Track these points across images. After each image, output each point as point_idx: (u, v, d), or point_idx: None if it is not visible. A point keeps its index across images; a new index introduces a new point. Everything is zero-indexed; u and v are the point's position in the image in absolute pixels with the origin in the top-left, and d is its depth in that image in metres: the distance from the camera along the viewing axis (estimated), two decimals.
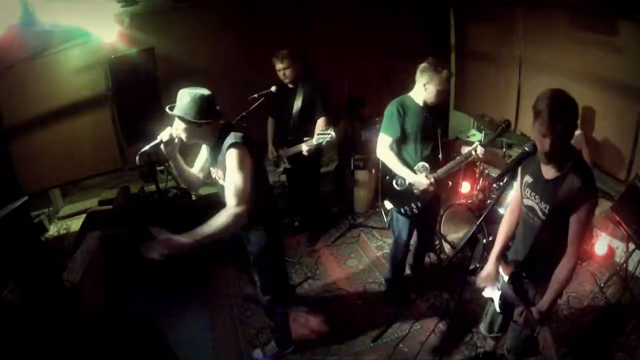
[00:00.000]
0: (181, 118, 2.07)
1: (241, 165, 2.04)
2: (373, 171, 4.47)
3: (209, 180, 2.45)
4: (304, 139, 3.32)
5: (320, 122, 3.52)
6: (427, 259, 3.65)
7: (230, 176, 2.04)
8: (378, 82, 4.77)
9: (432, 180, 2.79)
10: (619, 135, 3.38)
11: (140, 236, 2.34)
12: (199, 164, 2.43)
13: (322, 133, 3.20)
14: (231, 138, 2.09)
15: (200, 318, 3.29)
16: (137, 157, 2.16)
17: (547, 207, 1.86)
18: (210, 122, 2.11)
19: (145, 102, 3.55)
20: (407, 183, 2.84)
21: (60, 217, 4.72)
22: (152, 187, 4.14)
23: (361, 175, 4.39)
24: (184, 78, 4.05)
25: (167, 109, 2.12)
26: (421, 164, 2.83)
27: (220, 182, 2.25)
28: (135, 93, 3.45)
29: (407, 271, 3.62)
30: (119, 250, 3.48)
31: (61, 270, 2.94)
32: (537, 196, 1.92)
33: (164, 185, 4.11)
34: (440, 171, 2.85)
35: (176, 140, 2.16)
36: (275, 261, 2.57)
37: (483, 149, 2.77)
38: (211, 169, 2.35)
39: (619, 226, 3.02)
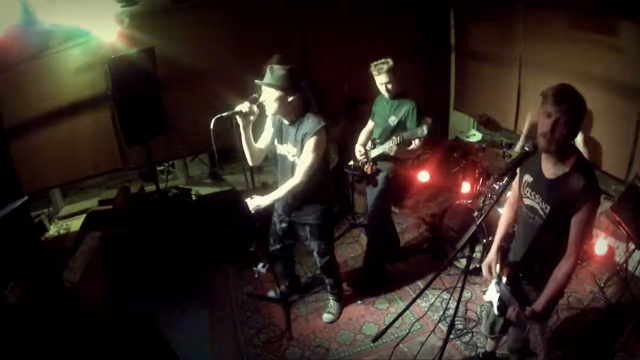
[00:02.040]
0: (275, 86, 2.30)
1: (319, 148, 2.39)
2: None
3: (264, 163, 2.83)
4: None
5: None
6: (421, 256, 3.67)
7: (305, 154, 2.40)
8: None
9: (362, 150, 3.32)
10: (619, 135, 3.38)
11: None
12: (264, 140, 2.67)
13: None
14: (317, 120, 2.38)
15: (200, 318, 3.29)
16: (212, 121, 2.30)
17: (548, 207, 1.85)
18: (299, 94, 2.37)
19: (145, 102, 3.55)
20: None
21: (60, 217, 4.72)
22: (152, 187, 4.14)
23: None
24: (184, 78, 4.12)
25: (256, 82, 2.36)
26: (369, 142, 3.36)
27: (289, 157, 2.54)
28: (135, 93, 3.44)
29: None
30: (119, 250, 3.49)
31: (61, 270, 2.94)
32: (537, 196, 1.91)
33: (164, 185, 4.11)
34: (371, 152, 3.30)
35: (256, 110, 2.39)
36: (330, 229, 2.97)
37: (394, 148, 3.03)
38: (279, 145, 2.60)
39: (619, 226, 3.01)
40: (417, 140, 3.05)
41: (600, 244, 3.44)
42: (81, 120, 4.00)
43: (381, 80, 3.08)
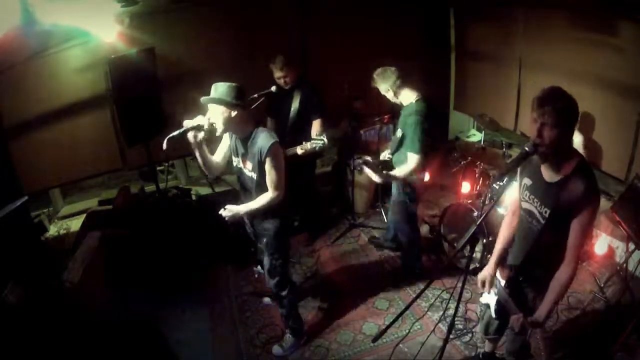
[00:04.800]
0: (220, 100, 2.30)
1: (279, 162, 2.42)
2: None
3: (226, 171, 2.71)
4: (300, 144, 3.32)
5: (316, 125, 3.55)
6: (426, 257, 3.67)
7: (270, 172, 2.42)
8: None
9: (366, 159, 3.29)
10: (619, 135, 3.38)
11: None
12: (220, 153, 2.66)
13: (316, 139, 3.22)
14: (268, 137, 2.40)
15: (200, 318, 3.30)
16: (164, 142, 2.32)
17: (548, 211, 1.83)
18: (244, 107, 2.37)
19: (145, 102, 3.55)
20: None
21: (60, 217, 4.72)
22: (152, 187, 4.14)
23: (361, 175, 4.39)
24: (184, 78, 4.11)
25: (201, 100, 2.34)
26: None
27: (246, 172, 2.55)
28: (135, 93, 3.44)
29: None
30: (119, 250, 3.48)
31: (61, 270, 2.94)
32: (536, 200, 1.90)
33: (164, 185, 4.11)
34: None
35: (205, 127, 2.35)
36: (285, 245, 2.78)
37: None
38: (235, 158, 2.60)
39: (619, 226, 3.01)
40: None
41: (600, 244, 3.44)
42: (81, 120, 4.00)
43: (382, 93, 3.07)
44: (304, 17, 4.54)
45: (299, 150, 3.26)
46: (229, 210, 2.54)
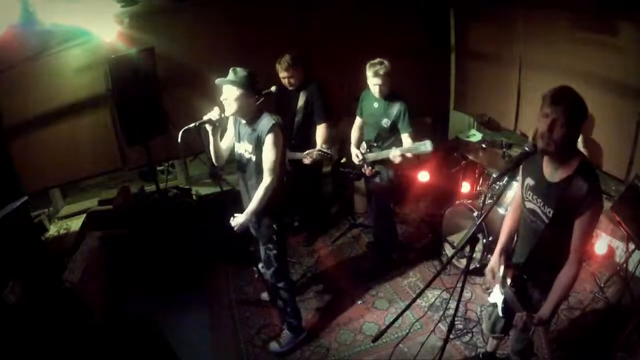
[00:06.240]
0: (240, 84, 2.38)
1: (278, 144, 2.47)
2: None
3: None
4: (306, 152, 3.32)
5: (321, 130, 3.54)
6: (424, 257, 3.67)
7: (268, 152, 2.46)
8: None
9: (359, 155, 3.40)
10: (618, 135, 3.37)
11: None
12: (227, 140, 2.74)
13: (323, 151, 3.22)
14: (270, 119, 2.48)
15: (200, 318, 3.30)
16: (180, 134, 2.40)
17: (551, 211, 1.83)
18: (259, 93, 2.48)
19: (145, 102, 3.55)
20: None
21: (60, 217, 4.72)
22: (152, 187, 4.14)
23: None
24: (184, 78, 4.11)
25: (217, 81, 2.42)
26: (364, 143, 3.43)
27: (246, 155, 2.60)
28: (135, 93, 3.44)
29: None
30: (119, 250, 3.49)
31: (61, 270, 2.95)
32: (539, 200, 1.90)
33: (164, 185, 4.11)
34: (368, 155, 3.38)
35: (224, 116, 2.47)
36: (280, 235, 2.75)
37: (398, 154, 3.09)
38: (237, 144, 2.66)
39: (619, 226, 3.01)
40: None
41: (600, 244, 3.43)
42: (81, 120, 4.00)
43: (375, 82, 3.11)
44: (305, 16, 4.54)
45: (306, 160, 3.26)
46: (236, 220, 2.59)
